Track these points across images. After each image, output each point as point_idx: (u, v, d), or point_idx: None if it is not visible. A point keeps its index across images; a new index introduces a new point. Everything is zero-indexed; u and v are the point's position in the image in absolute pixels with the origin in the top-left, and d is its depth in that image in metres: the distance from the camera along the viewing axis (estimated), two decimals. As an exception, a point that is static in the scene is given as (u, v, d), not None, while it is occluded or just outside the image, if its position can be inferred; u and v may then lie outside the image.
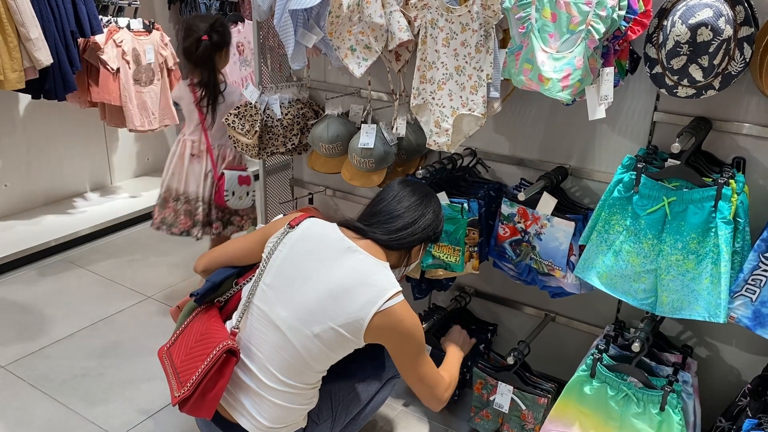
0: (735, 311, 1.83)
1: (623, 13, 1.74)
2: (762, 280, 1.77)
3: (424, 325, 2.34)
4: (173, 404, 1.79)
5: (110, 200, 4.39)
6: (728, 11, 1.65)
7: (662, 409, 1.89)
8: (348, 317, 1.72)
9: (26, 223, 3.95)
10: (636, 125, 2.12)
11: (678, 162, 1.83)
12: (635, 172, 1.87)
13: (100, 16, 3.60)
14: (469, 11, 1.98)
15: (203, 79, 2.91)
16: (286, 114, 2.66)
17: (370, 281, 1.74)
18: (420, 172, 2.20)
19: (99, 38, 3.60)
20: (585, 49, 1.75)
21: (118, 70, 3.69)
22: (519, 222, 2.21)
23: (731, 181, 1.77)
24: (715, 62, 1.67)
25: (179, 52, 3.31)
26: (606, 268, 1.97)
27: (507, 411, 2.26)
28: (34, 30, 3.14)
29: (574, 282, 2.15)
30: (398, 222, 1.86)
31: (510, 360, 2.17)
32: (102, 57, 3.62)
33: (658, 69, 1.79)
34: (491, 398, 2.29)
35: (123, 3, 3.87)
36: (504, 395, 2.25)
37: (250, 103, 2.65)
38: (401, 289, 1.76)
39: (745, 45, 1.69)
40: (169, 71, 4.00)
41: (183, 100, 3.06)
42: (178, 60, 4.06)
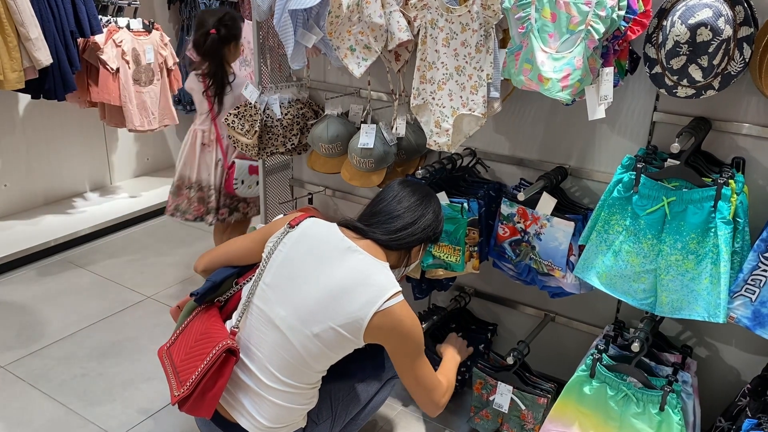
0: (734, 311, 1.83)
1: (623, 13, 1.74)
2: (761, 280, 1.77)
3: (424, 326, 2.34)
4: (172, 403, 1.79)
5: (110, 200, 4.39)
6: (728, 11, 1.65)
7: (662, 409, 1.89)
8: (348, 317, 1.72)
9: (26, 223, 3.95)
10: (635, 125, 2.12)
11: (677, 162, 1.83)
12: (635, 172, 1.87)
13: (100, 16, 3.60)
14: (469, 11, 1.98)
15: (211, 70, 3.02)
16: (286, 114, 2.66)
17: (370, 281, 1.74)
18: (420, 172, 2.20)
19: (99, 38, 3.60)
20: (585, 49, 1.75)
21: (118, 70, 3.70)
22: (518, 222, 2.21)
23: (731, 181, 1.77)
24: (715, 62, 1.67)
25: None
26: (605, 268, 1.97)
27: (507, 411, 2.26)
28: (34, 30, 3.14)
29: (574, 282, 2.15)
30: (398, 222, 1.86)
31: (509, 360, 2.17)
32: (102, 57, 3.62)
33: (658, 69, 1.79)
34: (491, 398, 2.29)
35: (123, 3, 3.87)
36: (504, 395, 2.25)
37: (250, 103, 2.65)
38: (401, 289, 1.76)
39: (745, 45, 1.69)
40: (169, 71, 4.00)
41: (194, 91, 3.16)
42: (178, 60, 4.08)
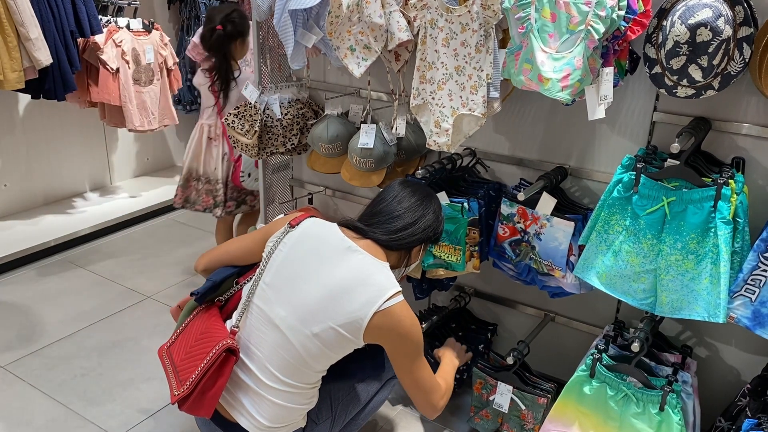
0: (734, 311, 1.83)
1: (623, 13, 1.74)
2: (761, 280, 1.77)
3: (424, 325, 2.34)
4: (172, 403, 1.79)
5: (110, 200, 4.40)
6: (727, 11, 1.65)
7: (662, 409, 1.89)
8: (347, 317, 1.72)
9: (26, 223, 3.95)
10: (635, 125, 2.12)
11: (677, 162, 1.83)
12: (635, 172, 1.87)
13: (100, 16, 3.61)
14: (469, 11, 1.98)
15: (215, 66, 3.09)
16: (286, 114, 2.66)
17: (370, 281, 1.74)
18: (420, 172, 2.20)
19: (99, 38, 3.61)
20: (584, 49, 1.75)
21: (118, 70, 3.70)
22: (518, 222, 2.21)
23: (730, 181, 1.77)
24: (715, 62, 1.67)
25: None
26: (605, 268, 1.97)
27: (506, 411, 2.26)
28: (34, 30, 3.14)
29: (574, 282, 2.15)
30: (398, 222, 1.86)
31: (509, 360, 2.17)
32: (101, 57, 3.62)
33: (658, 69, 1.79)
34: (491, 398, 2.29)
35: (122, 3, 3.87)
36: (503, 395, 2.25)
37: (250, 103, 2.65)
38: (401, 289, 1.76)
39: (745, 45, 1.69)
40: (169, 71, 4.00)
41: (201, 86, 3.21)
42: (178, 60, 4.08)
